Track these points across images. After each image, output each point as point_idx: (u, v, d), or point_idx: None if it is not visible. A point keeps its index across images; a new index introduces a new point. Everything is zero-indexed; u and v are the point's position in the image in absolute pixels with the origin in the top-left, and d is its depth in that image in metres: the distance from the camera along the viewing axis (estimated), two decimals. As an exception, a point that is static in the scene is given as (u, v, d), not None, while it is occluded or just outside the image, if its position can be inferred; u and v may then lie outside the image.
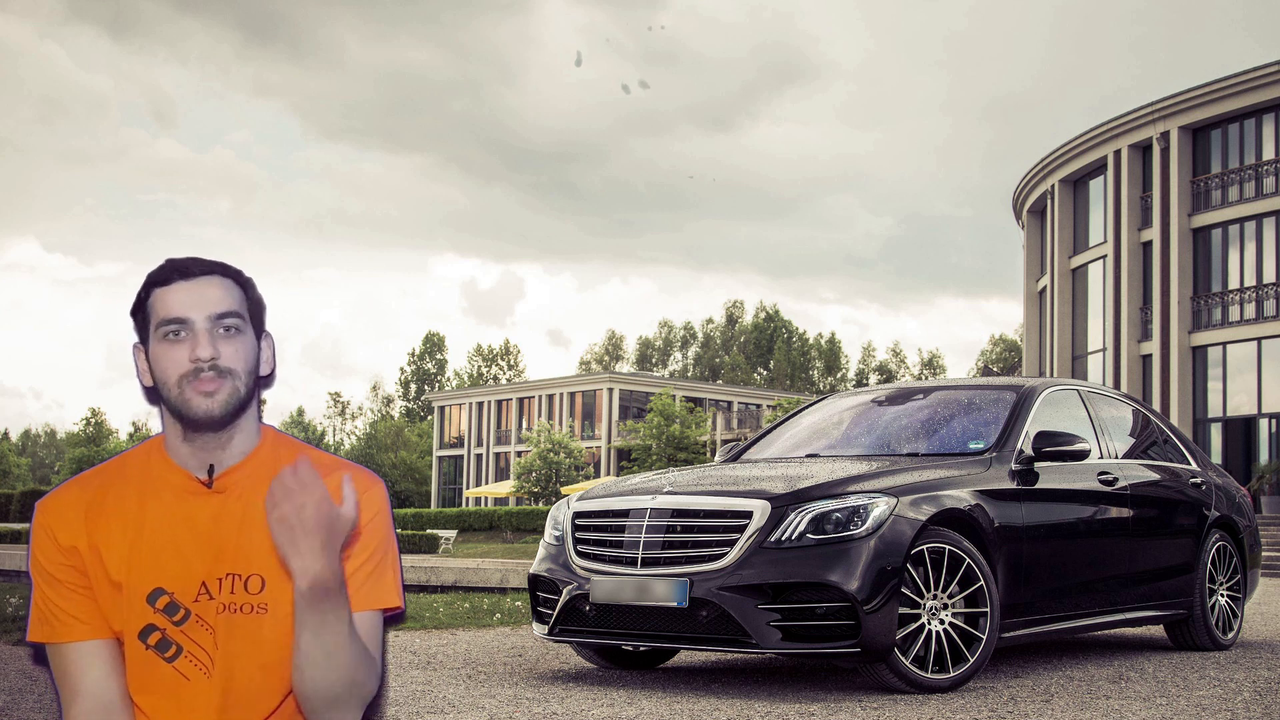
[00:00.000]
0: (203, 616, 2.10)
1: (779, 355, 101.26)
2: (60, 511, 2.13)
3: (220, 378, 2.05)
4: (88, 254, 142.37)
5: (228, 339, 2.07)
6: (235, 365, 2.07)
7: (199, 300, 2.06)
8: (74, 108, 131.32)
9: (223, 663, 2.10)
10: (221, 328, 2.06)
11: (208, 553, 2.10)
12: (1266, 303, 33.29)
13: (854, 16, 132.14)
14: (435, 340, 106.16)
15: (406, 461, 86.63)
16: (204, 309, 2.06)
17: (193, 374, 2.04)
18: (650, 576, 5.85)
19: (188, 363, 2.04)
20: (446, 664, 6.80)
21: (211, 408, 2.05)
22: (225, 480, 2.13)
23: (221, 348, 2.06)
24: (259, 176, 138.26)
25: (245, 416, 2.12)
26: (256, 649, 2.10)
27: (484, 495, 67.11)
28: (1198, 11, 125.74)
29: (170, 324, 2.05)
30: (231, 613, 2.09)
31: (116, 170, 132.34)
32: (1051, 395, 7.40)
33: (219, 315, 2.07)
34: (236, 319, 2.08)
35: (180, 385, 2.05)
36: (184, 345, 2.06)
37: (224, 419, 2.07)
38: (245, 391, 2.09)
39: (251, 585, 2.10)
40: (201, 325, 2.05)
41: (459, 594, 12.61)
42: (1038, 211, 43.22)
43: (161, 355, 2.07)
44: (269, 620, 2.10)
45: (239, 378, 2.07)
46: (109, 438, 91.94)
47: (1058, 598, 6.70)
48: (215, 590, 2.10)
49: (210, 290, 2.08)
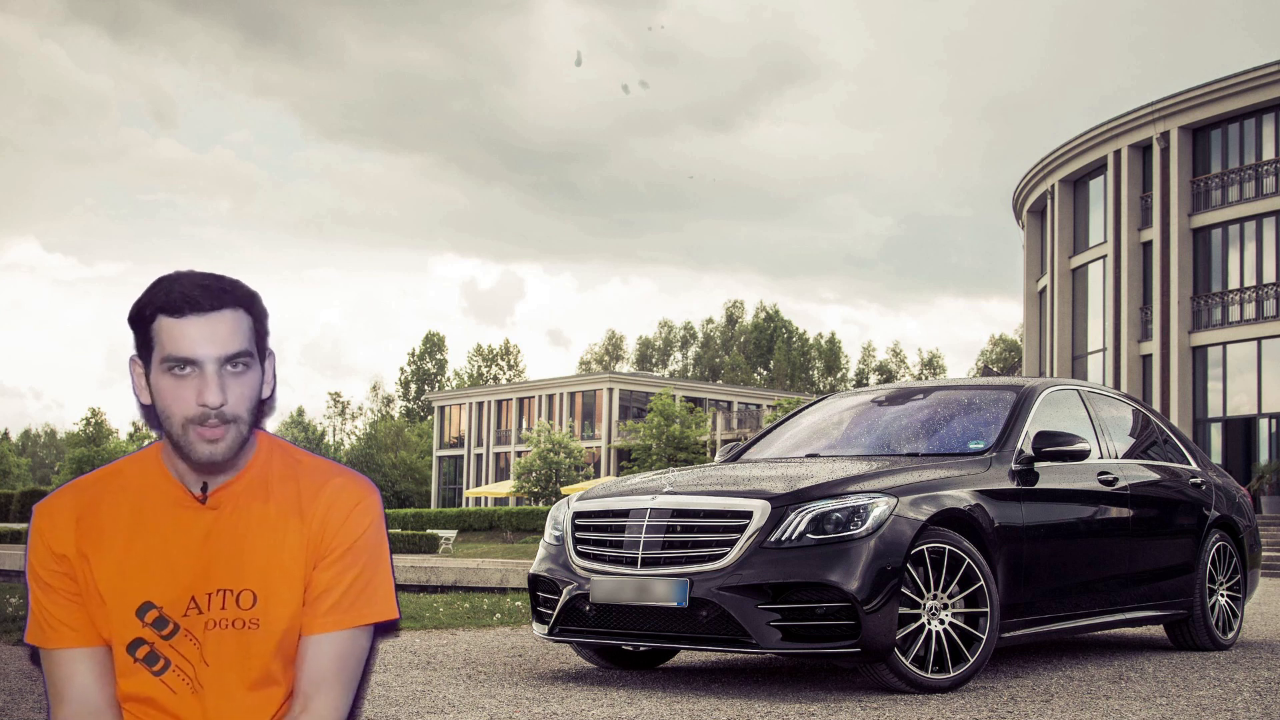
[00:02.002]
0: (191, 631, 2.10)
1: (779, 355, 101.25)
2: (53, 518, 2.13)
3: (225, 424, 2.03)
4: (88, 254, 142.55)
5: (235, 378, 2.03)
6: (240, 410, 2.04)
7: (210, 338, 2.01)
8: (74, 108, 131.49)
9: (208, 677, 2.10)
10: (230, 365, 2.03)
11: (198, 567, 2.10)
12: (1266, 303, 33.29)
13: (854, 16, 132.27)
14: (435, 340, 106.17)
15: (406, 461, 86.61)
16: (214, 349, 2.01)
17: (199, 419, 2.01)
18: (650, 576, 5.85)
19: (194, 406, 2.01)
20: (446, 664, 6.80)
21: (215, 453, 2.03)
22: (220, 495, 2.12)
23: (229, 391, 2.02)
24: (259, 176, 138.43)
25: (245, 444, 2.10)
26: (245, 664, 2.10)
27: (484, 495, 67.11)
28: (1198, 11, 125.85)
29: (178, 362, 2.01)
30: (222, 628, 2.10)
31: (116, 170, 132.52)
32: (1051, 395, 7.40)
33: (230, 357, 2.02)
34: (246, 358, 2.05)
35: (185, 428, 2.02)
36: (190, 384, 2.01)
37: (225, 463, 2.07)
38: (248, 429, 2.07)
39: (243, 600, 2.10)
40: (211, 368, 2.01)
41: (459, 594, 12.60)
42: (1038, 211, 43.22)
43: (165, 389, 2.03)
44: (259, 636, 2.10)
45: (243, 420, 2.05)
46: (109, 438, 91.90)
47: (1058, 598, 6.70)
48: (205, 605, 2.10)
49: (221, 328, 2.02)
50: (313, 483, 2.15)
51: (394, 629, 2.19)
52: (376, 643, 2.20)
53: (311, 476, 2.16)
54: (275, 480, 2.14)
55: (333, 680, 2.11)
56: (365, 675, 2.19)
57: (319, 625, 2.11)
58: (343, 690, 2.12)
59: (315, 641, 2.11)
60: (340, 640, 2.12)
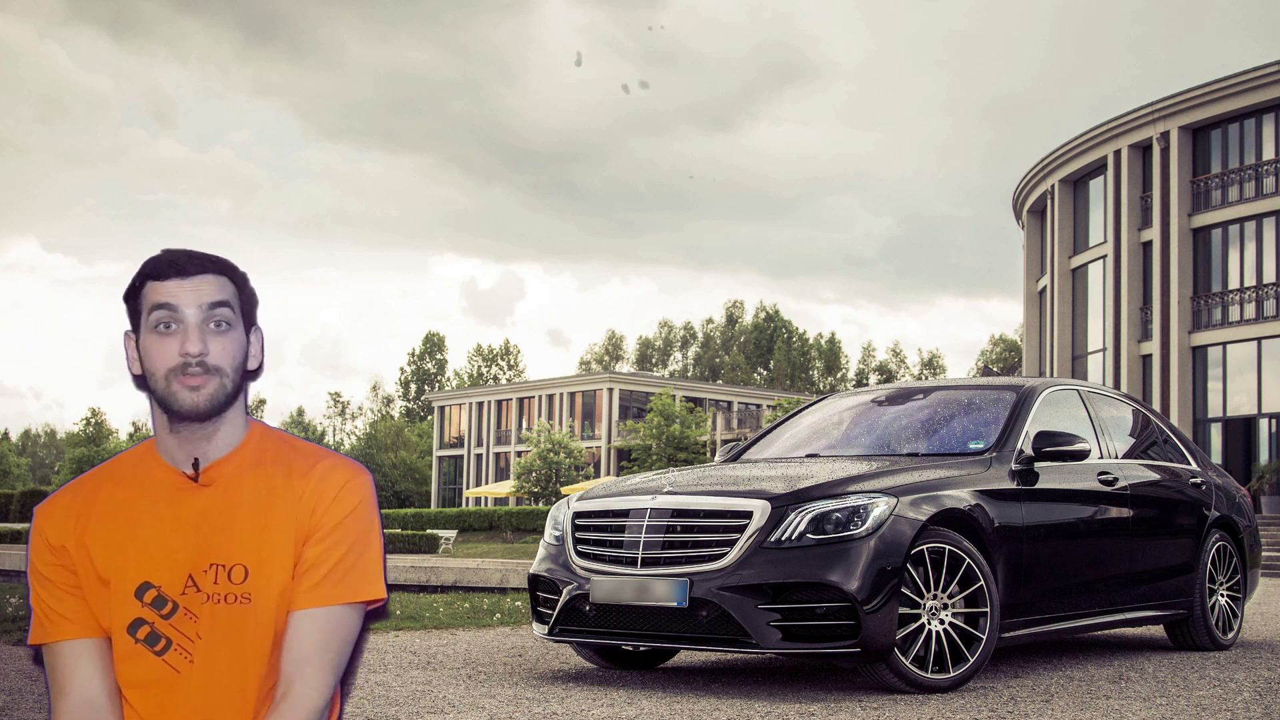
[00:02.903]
0: (190, 609, 2.13)
1: (779, 355, 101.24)
2: (52, 514, 2.19)
3: (207, 374, 2.10)
4: (88, 254, 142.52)
5: (217, 334, 2.12)
6: (223, 362, 2.12)
7: (192, 293, 2.12)
8: (74, 108, 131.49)
9: (203, 651, 2.12)
10: (212, 321, 2.12)
11: (194, 546, 2.14)
12: (1266, 303, 33.29)
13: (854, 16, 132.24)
14: (435, 340, 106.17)
15: (406, 461, 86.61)
16: (196, 299, 2.12)
17: (181, 369, 2.10)
18: (650, 576, 5.85)
19: (177, 356, 2.10)
20: (446, 664, 6.80)
21: (197, 401, 2.11)
22: (212, 473, 2.17)
23: (211, 344, 2.11)
24: (259, 176, 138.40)
25: (232, 410, 2.17)
26: (238, 639, 2.13)
27: (484, 495, 67.10)
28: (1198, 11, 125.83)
29: (161, 309, 2.11)
30: (215, 603, 2.13)
31: (116, 170, 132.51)
32: (1051, 395, 7.40)
33: (211, 305, 2.12)
34: (227, 309, 2.14)
35: (168, 379, 2.10)
36: (174, 338, 2.11)
37: (209, 413, 2.12)
38: (232, 387, 2.14)
39: (235, 575, 2.13)
40: (193, 319, 2.11)
41: (459, 594, 12.60)
42: (1038, 211, 43.22)
43: (151, 347, 2.12)
44: (252, 610, 2.13)
45: (226, 375, 2.13)
46: (109, 438, 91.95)
47: (1058, 598, 6.70)
48: (202, 582, 2.13)
49: (204, 285, 2.13)
50: (303, 463, 2.21)
51: (383, 613, 2.21)
52: (367, 627, 2.21)
53: (303, 458, 2.22)
54: (267, 461, 2.20)
55: (316, 660, 2.11)
56: (355, 658, 2.19)
57: (304, 600, 2.13)
58: (327, 671, 2.12)
59: (300, 617, 2.13)
60: (326, 617, 2.13)
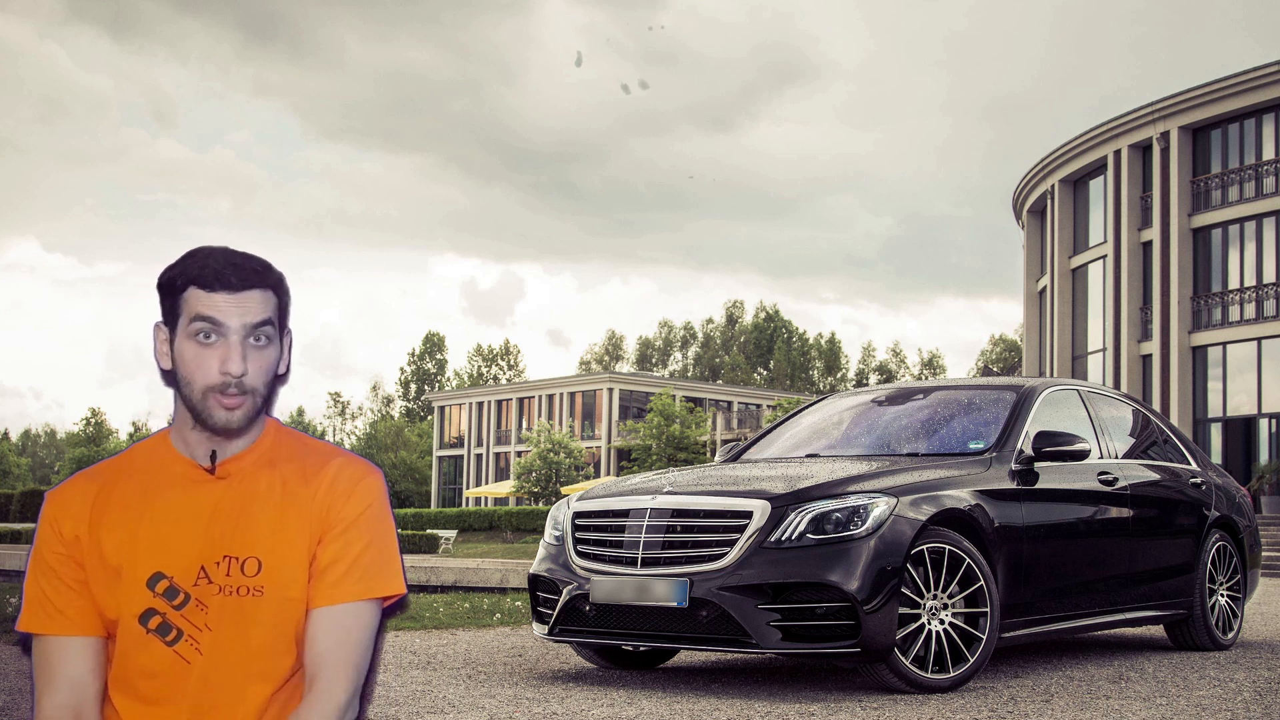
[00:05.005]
0: (202, 600, 2.13)
1: (779, 355, 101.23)
2: (66, 503, 2.17)
3: (244, 394, 2.10)
4: (88, 254, 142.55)
5: (257, 351, 2.12)
6: (259, 382, 2.12)
7: (238, 309, 2.10)
8: (74, 108, 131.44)
9: (211, 643, 2.12)
10: (254, 337, 2.11)
11: (207, 537, 2.14)
12: (1266, 303, 33.29)
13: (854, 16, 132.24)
14: (435, 340, 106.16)
15: (406, 461, 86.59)
16: (241, 318, 2.10)
17: (220, 388, 2.09)
18: (650, 576, 5.85)
19: (217, 375, 2.09)
20: (446, 664, 6.80)
21: (231, 420, 2.11)
22: (228, 467, 2.17)
23: (250, 363, 2.11)
24: (259, 176, 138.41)
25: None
26: (247, 632, 2.12)
27: (484, 495, 67.10)
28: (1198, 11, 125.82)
29: (204, 322, 2.09)
30: (227, 595, 2.12)
31: (116, 170, 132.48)
32: (1051, 395, 7.40)
33: (254, 325, 2.11)
34: (269, 327, 2.13)
35: (205, 395, 2.10)
36: (214, 352, 2.09)
37: (241, 430, 2.14)
38: (263, 400, 2.15)
39: (248, 568, 2.13)
40: (235, 336, 2.09)
41: (459, 594, 12.61)
42: (1038, 211, 43.22)
43: (189, 355, 2.10)
44: (264, 603, 2.13)
45: (259, 394, 2.13)
46: (109, 438, 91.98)
47: (1058, 598, 6.70)
48: (214, 574, 2.13)
49: (250, 303, 2.11)
50: (317, 460, 2.21)
51: (403, 606, 2.21)
52: (385, 625, 2.20)
53: (316, 456, 2.22)
54: (282, 458, 2.20)
55: (340, 656, 2.11)
56: (375, 655, 2.19)
57: (326, 596, 2.13)
58: (350, 667, 2.11)
59: (322, 614, 2.12)
60: (347, 614, 2.13)
